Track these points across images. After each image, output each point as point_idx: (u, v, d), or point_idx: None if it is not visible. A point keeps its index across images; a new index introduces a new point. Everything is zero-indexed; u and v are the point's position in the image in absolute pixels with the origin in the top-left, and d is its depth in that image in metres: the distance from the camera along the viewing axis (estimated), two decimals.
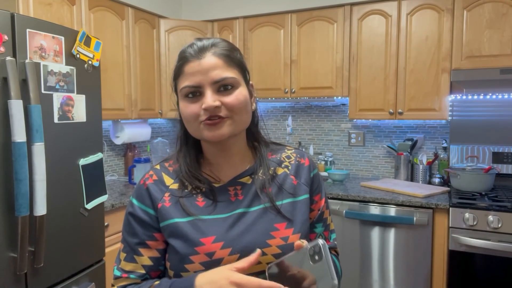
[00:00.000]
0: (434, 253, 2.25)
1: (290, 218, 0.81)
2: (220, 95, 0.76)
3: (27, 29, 1.55)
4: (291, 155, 0.91)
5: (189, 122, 0.78)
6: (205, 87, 0.76)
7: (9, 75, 1.44)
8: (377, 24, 2.61)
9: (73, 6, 2.20)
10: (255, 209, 0.81)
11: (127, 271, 0.82)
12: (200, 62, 0.76)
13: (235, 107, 0.77)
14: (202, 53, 0.77)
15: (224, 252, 0.76)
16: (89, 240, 1.89)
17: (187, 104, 0.78)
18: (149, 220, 0.81)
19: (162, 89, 2.97)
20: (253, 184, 0.83)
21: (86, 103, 1.85)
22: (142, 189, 0.84)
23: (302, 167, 0.89)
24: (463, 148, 2.64)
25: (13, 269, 1.51)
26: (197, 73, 0.76)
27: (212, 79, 0.76)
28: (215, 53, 0.77)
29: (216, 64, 0.76)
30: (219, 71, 0.76)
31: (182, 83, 0.78)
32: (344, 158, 3.10)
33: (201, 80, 0.76)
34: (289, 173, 0.87)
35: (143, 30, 2.78)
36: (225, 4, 3.02)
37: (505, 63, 2.31)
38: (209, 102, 0.74)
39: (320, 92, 2.78)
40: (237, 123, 0.78)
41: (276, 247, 0.77)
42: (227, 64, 0.78)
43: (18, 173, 1.45)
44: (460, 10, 2.40)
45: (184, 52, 0.79)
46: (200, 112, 0.76)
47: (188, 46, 0.80)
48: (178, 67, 0.80)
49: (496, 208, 2.08)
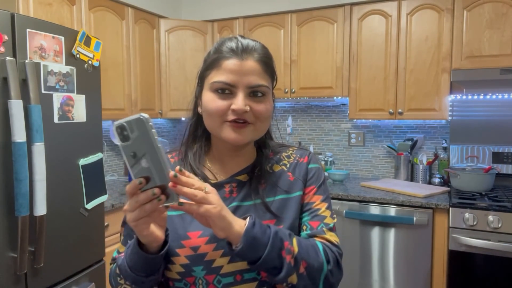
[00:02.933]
0: (434, 253, 2.25)
1: (279, 215, 0.81)
2: (250, 100, 0.76)
3: (27, 29, 1.55)
4: (292, 155, 0.91)
5: (212, 117, 0.77)
6: (239, 88, 0.75)
7: (9, 75, 1.44)
8: (377, 24, 2.61)
9: (73, 6, 2.20)
10: (244, 204, 0.81)
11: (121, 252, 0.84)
12: (242, 63, 0.76)
13: (262, 116, 0.78)
14: (244, 54, 0.76)
15: (209, 247, 0.76)
16: (89, 240, 1.89)
17: (215, 98, 0.76)
18: None
19: (162, 89, 2.97)
20: (248, 181, 0.84)
21: (86, 103, 1.85)
22: None
23: (300, 164, 0.89)
24: (463, 148, 2.64)
25: (13, 269, 1.51)
26: (235, 72, 0.75)
27: (249, 83, 0.76)
28: (256, 58, 0.77)
29: (255, 69, 0.77)
30: (257, 77, 0.76)
31: (217, 76, 0.77)
32: (344, 158, 3.10)
33: (238, 81, 0.75)
34: (286, 170, 0.87)
35: (143, 30, 2.78)
36: (225, 4, 3.02)
37: (505, 63, 2.31)
38: (240, 105, 0.74)
39: (320, 92, 2.78)
40: (259, 130, 0.80)
41: None
42: (265, 72, 0.78)
43: (18, 173, 1.45)
44: (460, 10, 2.40)
45: (225, 45, 0.78)
46: (228, 111, 0.76)
47: (231, 40, 0.79)
48: (215, 59, 0.78)
49: (496, 208, 2.08)
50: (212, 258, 0.76)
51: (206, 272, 0.76)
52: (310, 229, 0.82)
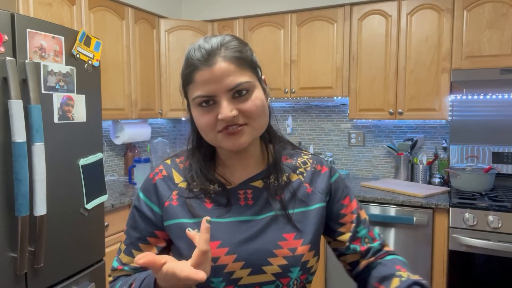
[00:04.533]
0: (434, 253, 2.25)
1: (300, 229, 0.78)
2: (236, 102, 0.72)
3: (27, 29, 1.55)
4: (308, 160, 0.86)
5: (205, 132, 0.75)
6: (219, 96, 0.71)
7: (9, 75, 1.44)
8: (377, 24, 2.61)
9: (73, 6, 2.20)
10: (264, 216, 0.78)
11: (123, 263, 0.82)
12: (211, 70, 0.70)
13: (253, 113, 0.72)
14: (212, 58, 0.71)
15: (229, 258, 0.74)
16: (89, 240, 1.89)
17: (201, 114, 0.73)
18: (153, 217, 0.80)
19: (162, 89, 2.97)
20: (265, 189, 0.80)
21: (86, 103, 1.85)
22: (150, 184, 0.82)
23: (318, 174, 0.85)
24: (463, 148, 2.64)
25: (13, 269, 1.51)
26: (209, 82, 0.70)
27: (226, 86, 0.70)
28: (225, 57, 0.71)
29: (228, 69, 0.71)
30: (233, 77, 0.71)
31: (194, 92, 0.73)
32: (344, 158, 3.10)
33: (215, 89, 0.70)
34: (303, 180, 0.83)
35: (143, 30, 2.78)
36: (225, 4, 3.02)
37: (505, 63, 2.31)
38: (226, 112, 0.70)
39: (320, 92, 2.78)
40: (256, 128, 0.75)
41: (283, 257, 0.75)
42: (240, 68, 0.72)
43: (18, 173, 1.45)
44: (460, 10, 2.40)
45: (192, 58, 0.73)
46: (216, 122, 0.72)
47: (195, 49, 0.73)
48: (187, 74, 0.74)
49: (496, 208, 2.08)
50: (232, 270, 0.73)
51: (225, 284, 0.74)
52: (374, 239, 0.88)
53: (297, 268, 0.75)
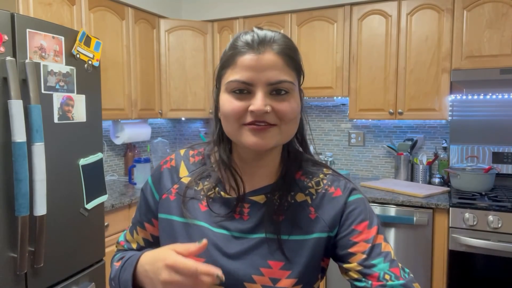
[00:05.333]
0: (434, 253, 2.25)
1: (290, 259, 0.69)
2: (272, 100, 0.67)
3: (27, 29, 1.55)
4: (322, 181, 0.76)
5: (228, 120, 0.68)
6: (256, 86, 0.66)
7: (9, 75, 1.44)
8: (377, 24, 2.61)
9: (73, 6, 2.20)
10: (254, 236, 0.71)
11: (126, 240, 0.85)
12: (258, 57, 0.65)
13: (286, 116, 0.67)
14: (261, 47, 0.66)
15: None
16: (89, 240, 1.89)
17: (231, 99, 0.67)
18: (153, 204, 0.81)
19: (162, 89, 2.97)
20: (264, 206, 0.73)
21: (86, 103, 1.85)
22: (159, 171, 0.82)
23: (328, 197, 0.74)
24: (463, 148, 2.64)
25: (13, 269, 1.51)
26: (251, 69, 0.65)
27: (268, 79, 0.66)
28: (275, 50, 0.66)
29: (275, 63, 0.66)
30: (277, 72, 0.66)
31: (232, 75, 0.67)
32: (344, 158, 3.10)
33: (255, 78, 0.65)
34: (310, 203, 0.74)
35: (143, 30, 2.78)
36: (225, 4, 3.01)
37: (505, 63, 2.31)
38: (259, 105, 0.64)
39: (320, 92, 2.78)
40: (284, 133, 0.69)
41: (261, 286, 0.68)
42: (287, 65, 0.68)
43: (18, 173, 1.45)
44: (460, 10, 2.40)
45: (240, 40, 0.68)
46: (246, 112, 0.66)
47: (247, 33, 0.68)
48: (230, 56, 0.68)
49: (496, 208, 2.08)
50: None
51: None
52: (399, 278, 0.67)
53: None
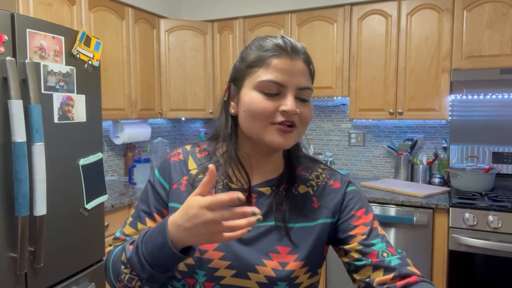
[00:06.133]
0: (434, 253, 2.25)
1: (296, 244, 0.75)
2: (298, 104, 0.73)
3: (27, 29, 1.55)
4: (321, 175, 0.85)
5: (257, 119, 0.72)
6: (288, 89, 0.72)
7: (9, 75, 1.44)
8: (377, 24, 2.61)
9: (73, 6, 2.20)
10: (263, 224, 0.76)
11: (126, 234, 0.82)
12: (293, 62, 0.72)
13: (307, 120, 0.75)
14: (294, 54, 0.73)
15: (216, 254, 0.73)
16: (89, 240, 1.89)
17: (262, 99, 0.71)
18: (163, 194, 0.82)
19: (162, 89, 2.97)
20: (271, 197, 0.79)
21: (86, 103, 1.85)
22: (167, 163, 0.84)
23: (329, 189, 0.82)
24: (463, 148, 2.64)
25: (13, 269, 1.51)
26: (286, 71, 0.71)
27: (299, 84, 0.72)
28: (304, 60, 0.74)
29: (304, 70, 0.74)
30: (305, 79, 0.74)
31: (265, 75, 0.71)
32: (344, 158, 3.10)
33: (289, 81, 0.71)
34: (312, 194, 0.81)
35: (143, 30, 2.78)
36: (225, 4, 3.01)
37: (505, 63, 2.31)
38: (292, 105, 0.70)
39: (320, 92, 2.78)
40: (300, 135, 0.77)
41: (271, 269, 0.73)
42: (309, 75, 0.76)
43: (18, 173, 1.45)
44: (460, 10, 2.40)
45: (272, 43, 0.73)
46: (275, 112, 0.71)
47: (277, 38, 0.74)
48: (263, 56, 0.72)
49: (496, 208, 2.08)
50: (216, 267, 0.73)
51: (206, 278, 0.73)
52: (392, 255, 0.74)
53: (284, 283, 0.73)
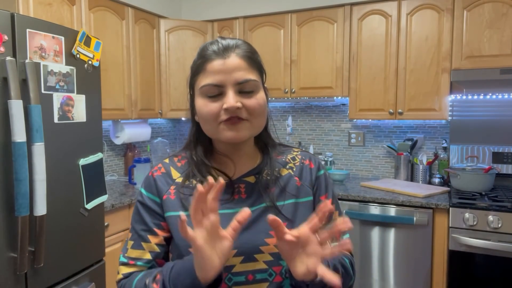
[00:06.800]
0: (434, 253, 2.25)
1: (291, 219, 0.81)
2: (242, 97, 0.76)
3: (27, 29, 1.55)
4: (296, 156, 0.91)
5: (207, 121, 0.78)
6: (227, 87, 0.75)
7: (9, 75, 1.44)
8: (377, 24, 2.61)
9: (73, 6, 2.20)
10: (256, 208, 0.81)
11: (133, 258, 0.82)
12: (225, 62, 0.76)
13: (255, 111, 0.77)
14: (226, 52, 0.76)
15: None
16: (89, 240, 1.89)
17: (206, 102, 0.77)
18: (157, 208, 0.83)
19: (162, 89, 2.97)
20: (257, 184, 0.84)
21: (86, 103, 1.85)
22: (151, 179, 0.86)
23: (306, 169, 0.89)
24: (463, 148, 2.64)
25: (13, 269, 1.51)
26: (220, 72, 0.75)
27: (236, 79, 0.75)
28: (239, 54, 0.77)
29: (240, 65, 0.76)
30: (243, 72, 0.76)
31: (203, 81, 0.77)
32: (344, 158, 3.10)
33: (224, 80, 0.75)
34: (293, 174, 0.87)
35: (143, 30, 2.78)
36: (225, 4, 3.02)
37: (505, 63, 2.31)
38: (231, 102, 0.74)
39: (320, 92, 2.78)
40: (255, 126, 0.79)
41: (274, 246, 0.77)
42: (250, 66, 0.78)
43: (18, 173, 1.45)
44: (460, 10, 2.40)
45: (207, 49, 0.78)
46: (220, 112, 0.75)
47: (212, 43, 0.79)
48: (200, 64, 0.78)
49: (496, 208, 2.08)
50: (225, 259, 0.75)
51: None
52: None
53: None
